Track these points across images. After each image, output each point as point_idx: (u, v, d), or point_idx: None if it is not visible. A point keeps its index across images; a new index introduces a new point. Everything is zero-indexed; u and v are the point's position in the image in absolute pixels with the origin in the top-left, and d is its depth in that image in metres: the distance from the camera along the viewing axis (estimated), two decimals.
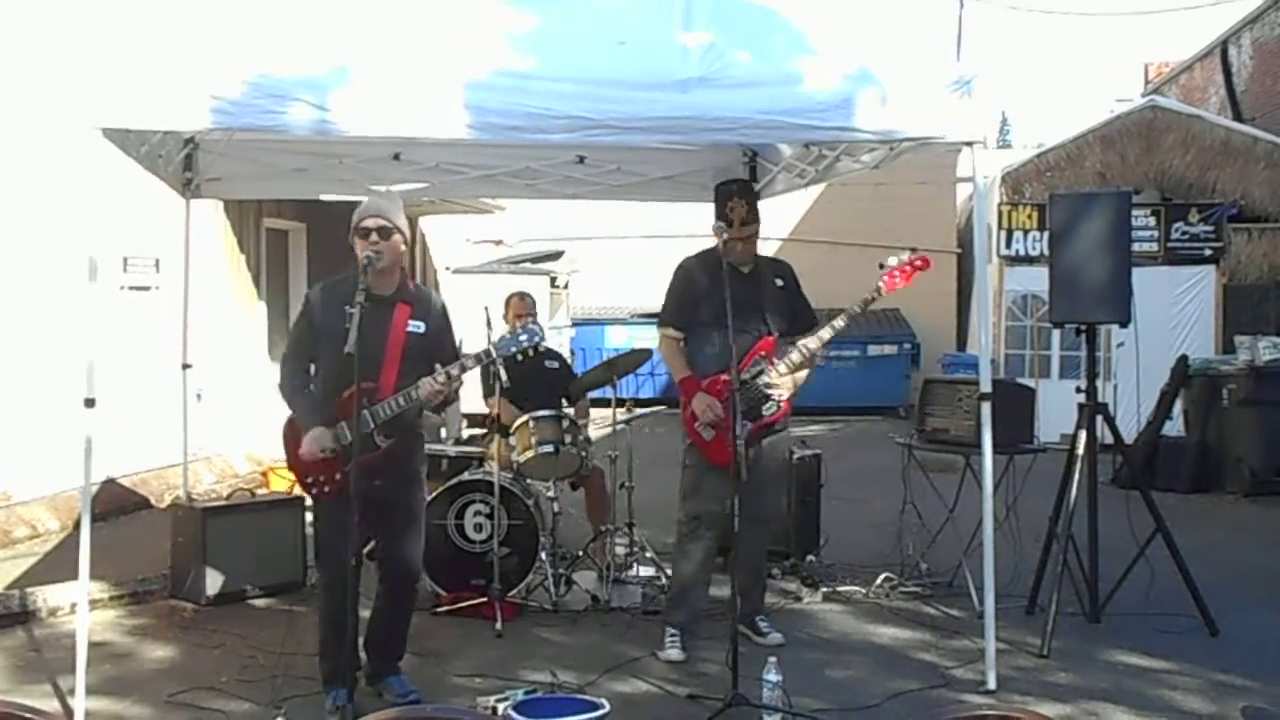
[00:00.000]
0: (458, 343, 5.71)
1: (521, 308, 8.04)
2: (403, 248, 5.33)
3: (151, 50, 5.16)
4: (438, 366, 5.24)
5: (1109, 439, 7.02)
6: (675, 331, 6.41)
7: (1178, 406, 12.34)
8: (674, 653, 6.18)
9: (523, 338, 5.38)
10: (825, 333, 6.18)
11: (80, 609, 5.33)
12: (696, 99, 5.38)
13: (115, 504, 9.82)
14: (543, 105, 5.25)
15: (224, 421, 11.74)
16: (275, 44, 5.23)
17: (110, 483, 9.84)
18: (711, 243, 6.03)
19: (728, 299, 5.53)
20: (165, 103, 5.11)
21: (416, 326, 5.36)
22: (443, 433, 11.73)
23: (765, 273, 6.42)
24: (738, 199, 6.23)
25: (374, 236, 5.20)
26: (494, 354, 5.39)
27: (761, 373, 6.19)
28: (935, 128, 5.63)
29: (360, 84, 5.18)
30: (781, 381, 6.22)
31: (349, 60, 5.21)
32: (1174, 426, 12.38)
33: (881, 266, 6.23)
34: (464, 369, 5.27)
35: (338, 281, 5.36)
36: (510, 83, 5.26)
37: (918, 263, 6.17)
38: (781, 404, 6.25)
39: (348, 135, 5.32)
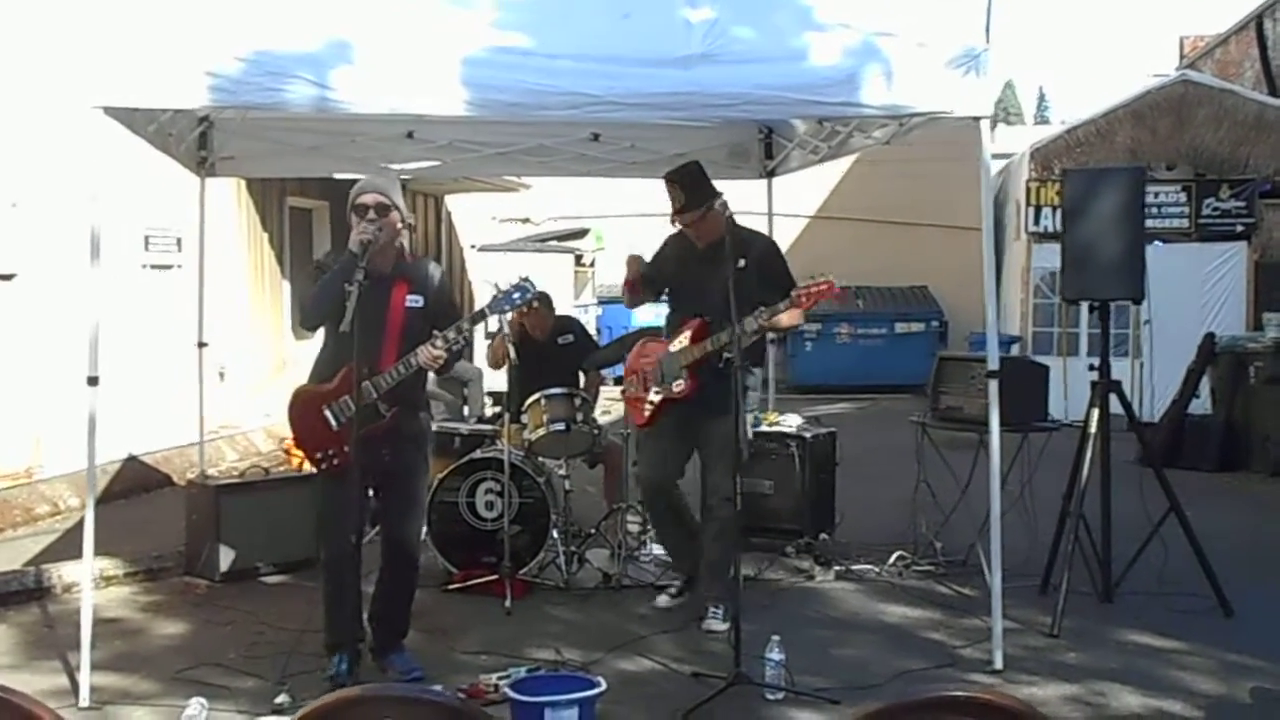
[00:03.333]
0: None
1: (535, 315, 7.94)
2: (400, 225, 5.35)
3: (152, 28, 5.14)
4: (435, 332, 5.28)
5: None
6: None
7: (1205, 384, 12.19)
8: (663, 599, 6.67)
9: (515, 296, 5.42)
10: (723, 336, 6.07)
11: (84, 586, 5.39)
12: (699, 75, 5.35)
13: (138, 482, 9.91)
14: (543, 82, 5.24)
15: (247, 399, 11.81)
16: (275, 21, 5.20)
17: (133, 460, 9.93)
18: None
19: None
20: (166, 81, 5.12)
21: (415, 301, 5.40)
22: (465, 410, 11.78)
23: (723, 252, 6.27)
24: (673, 187, 6.37)
25: (371, 214, 5.23)
26: (488, 314, 5.44)
27: (682, 350, 6.31)
28: (942, 103, 5.57)
29: (361, 61, 5.17)
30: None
31: (350, 37, 5.19)
32: (1202, 405, 12.24)
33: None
34: (460, 332, 5.29)
35: (333, 257, 5.40)
36: (511, 59, 5.24)
37: (823, 287, 6.08)
38: (688, 383, 6.30)
39: (348, 112, 5.33)
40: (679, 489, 6.64)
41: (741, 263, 6.28)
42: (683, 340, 6.29)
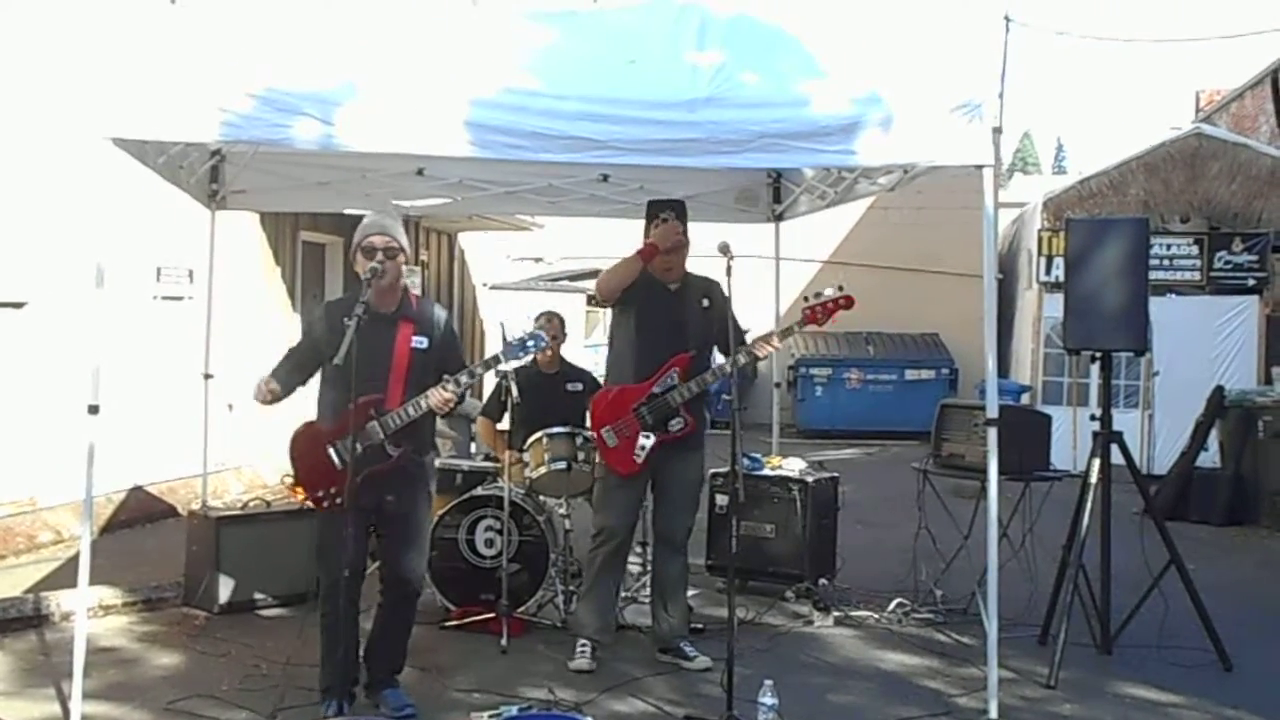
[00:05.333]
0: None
1: (550, 329, 7.98)
2: (405, 266, 5.39)
3: (163, 62, 5.21)
4: (446, 376, 5.30)
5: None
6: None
7: (1214, 437, 12.16)
8: (583, 663, 6.26)
9: (530, 344, 5.43)
10: (726, 365, 6.13)
11: (78, 615, 5.37)
12: (702, 120, 5.37)
13: (142, 511, 9.93)
14: (547, 124, 5.26)
15: (255, 433, 11.81)
16: (285, 58, 5.27)
17: (138, 490, 9.96)
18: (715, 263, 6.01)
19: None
20: (175, 114, 5.15)
21: (420, 342, 5.41)
22: (472, 448, 11.77)
23: (691, 291, 6.42)
24: (672, 216, 6.31)
25: (380, 256, 5.26)
26: (501, 360, 5.47)
27: (673, 388, 6.23)
28: (943, 151, 5.59)
29: (367, 100, 5.20)
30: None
31: (357, 76, 5.24)
32: (1210, 458, 12.20)
33: (806, 300, 6.25)
34: (472, 376, 5.33)
35: (340, 300, 5.45)
36: (515, 101, 5.27)
37: (841, 301, 6.15)
38: (688, 420, 6.28)
39: (352, 150, 5.35)
40: None
41: (706, 303, 6.40)
42: (671, 378, 6.23)
